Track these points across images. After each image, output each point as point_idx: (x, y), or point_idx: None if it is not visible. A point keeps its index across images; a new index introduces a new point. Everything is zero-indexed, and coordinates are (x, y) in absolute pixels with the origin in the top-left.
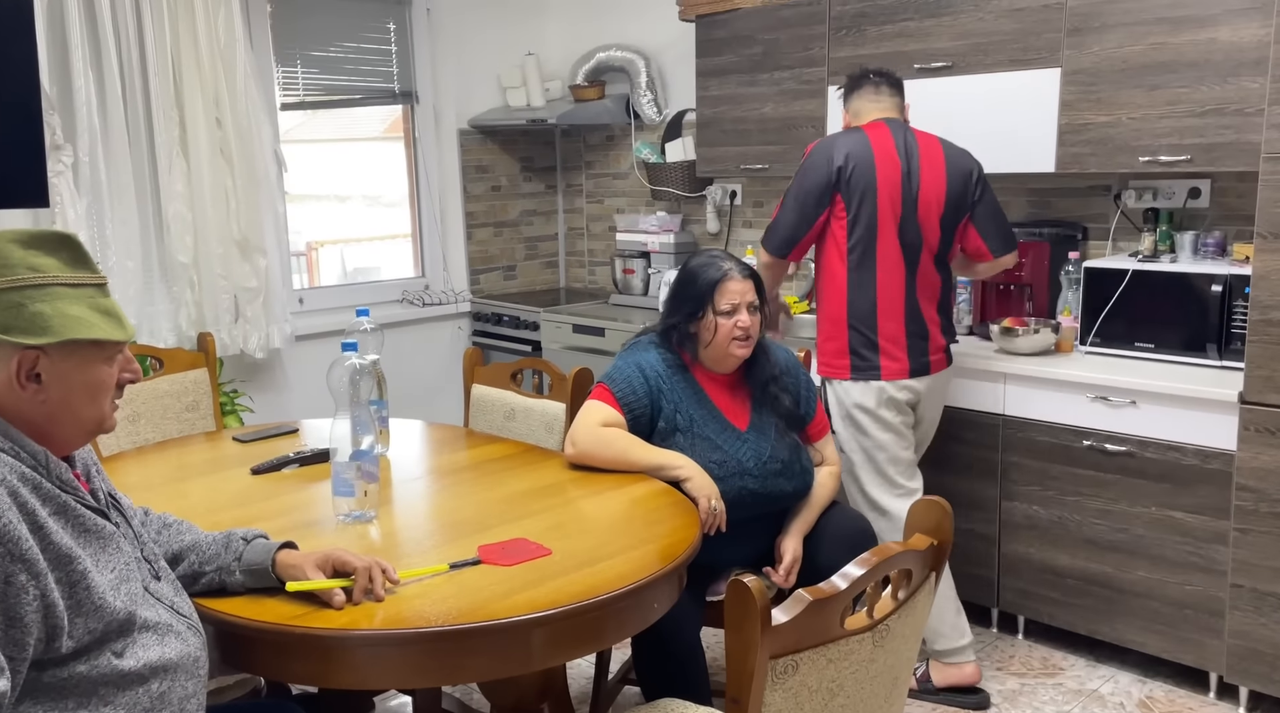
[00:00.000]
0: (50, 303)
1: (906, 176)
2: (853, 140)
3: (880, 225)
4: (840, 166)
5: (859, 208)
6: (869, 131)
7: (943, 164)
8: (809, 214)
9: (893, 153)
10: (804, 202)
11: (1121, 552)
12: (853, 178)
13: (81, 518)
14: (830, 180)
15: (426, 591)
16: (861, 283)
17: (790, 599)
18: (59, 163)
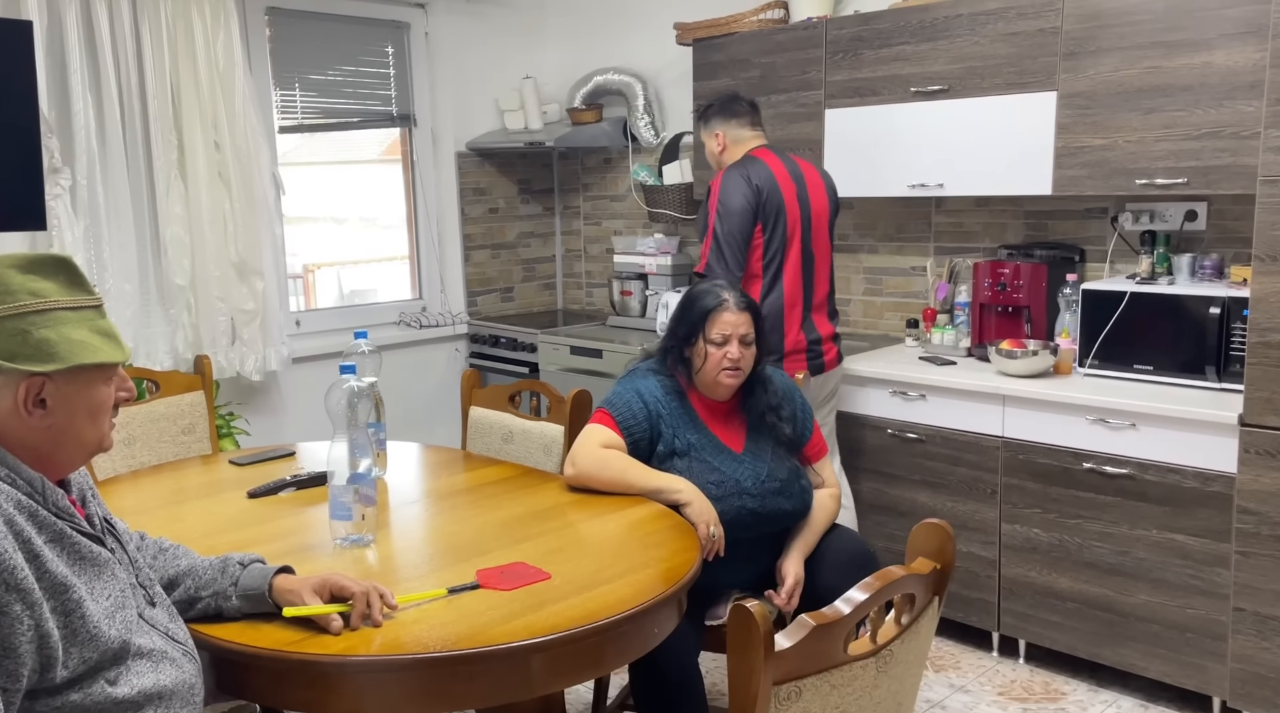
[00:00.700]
0: (54, 328)
1: (802, 199)
2: (760, 169)
3: (788, 245)
4: (759, 196)
5: (773, 231)
6: (764, 158)
7: (822, 184)
8: (741, 246)
9: (788, 178)
10: (735, 236)
11: (1123, 575)
12: (767, 205)
13: (77, 545)
14: (752, 210)
15: (425, 616)
16: (772, 296)
17: (794, 625)
18: (57, 186)
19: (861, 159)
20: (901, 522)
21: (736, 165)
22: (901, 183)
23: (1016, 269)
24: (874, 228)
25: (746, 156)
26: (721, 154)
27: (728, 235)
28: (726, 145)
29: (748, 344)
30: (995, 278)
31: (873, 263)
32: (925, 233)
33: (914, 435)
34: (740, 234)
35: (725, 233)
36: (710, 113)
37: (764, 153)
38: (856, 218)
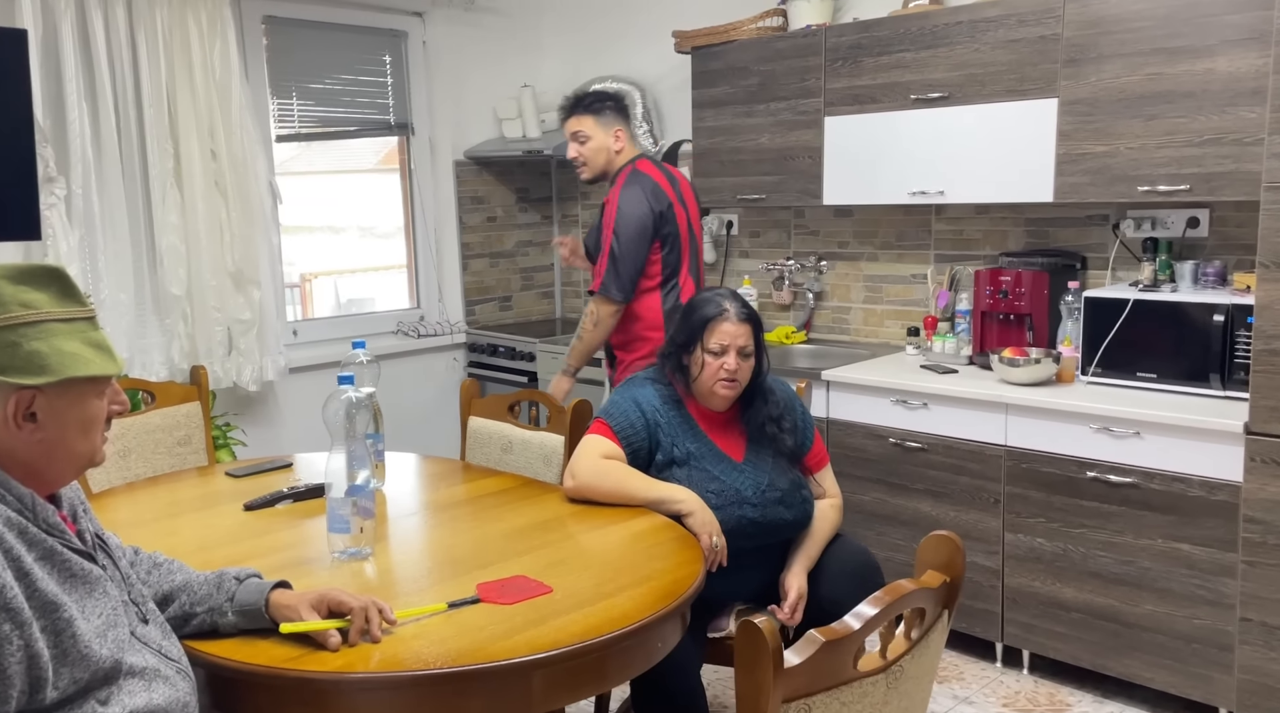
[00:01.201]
0: (45, 340)
1: (685, 209)
2: (652, 187)
3: (681, 258)
4: (658, 218)
5: (671, 247)
6: (650, 172)
7: (691, 191)
8: (639, 266)
9: (671, 189)
10: (633, 257)
11: (1128, 585)
12: (664, 223)
13: (68, 563)
14: (652, 231)
15: (425, 631)
16: (670, 303)
17: (803, 640)
18: (51, 195)
19: (861, 167)
20: (905, 531)
21: (633, 183)
22: (901, 190)
23: (1018, 277)
24: (874, 235)
25: (635, 171)
26: (617, 155)
27: (626, 255)
28: (624, 147)
29: (746, 356)
30: (996, 285)
31: (873, 271)
32: (925, 240)
33: (916, 445)
34: (640, 255)
35: (624, 252)
36: (608, 108)
37: (647, 165)
38: (856, 225)
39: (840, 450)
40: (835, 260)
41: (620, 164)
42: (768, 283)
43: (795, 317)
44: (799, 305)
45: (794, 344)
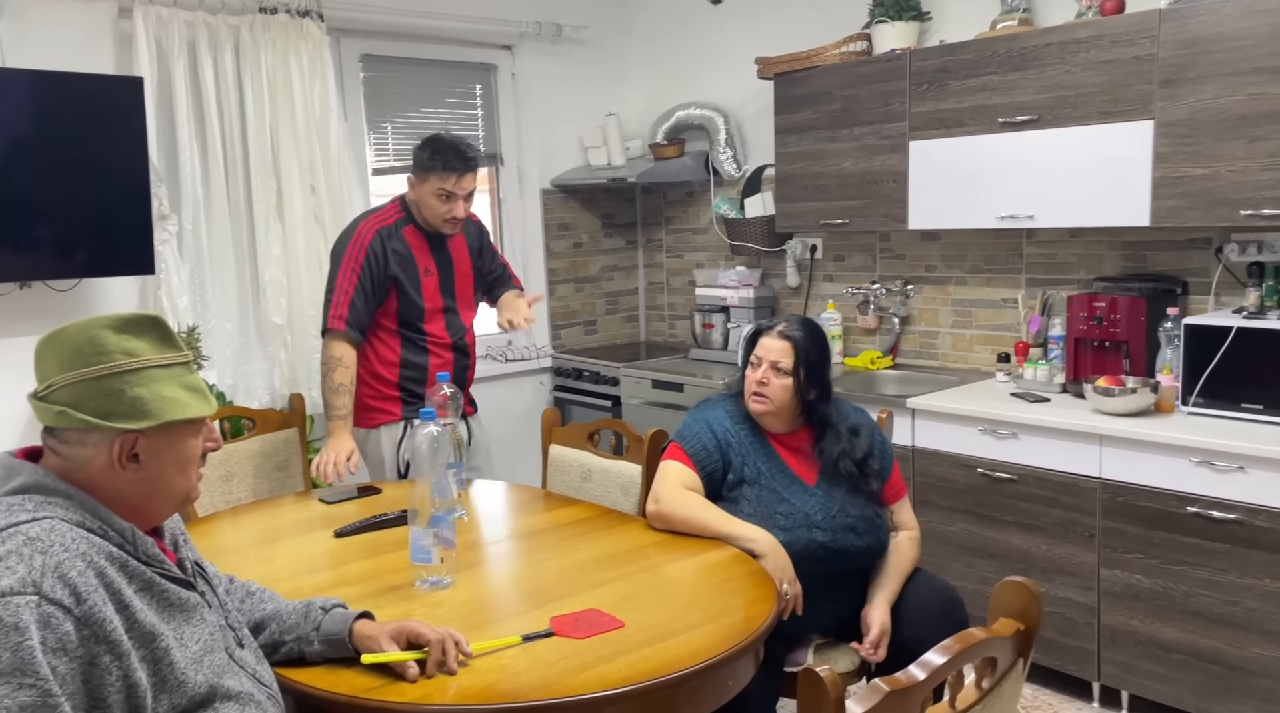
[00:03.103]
0: (146, 386)
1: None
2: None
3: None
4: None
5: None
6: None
7: None
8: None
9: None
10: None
11: (1233, 626)
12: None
13: (166, 593)
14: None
15: (499, 664)
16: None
17: (867, 690)
18: (165, 231)
19: (948, 190)
20: (993, 564)
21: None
22: (990, 214)
23: (1113, 302)
24: (962, 259)
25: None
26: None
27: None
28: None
29: (780, 372)
30: (1091, 311)
31: (961, 295)
32: (1016, 264)
33: (1005, 475)
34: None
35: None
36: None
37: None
38: (944, 249)
39: (926, 480)
40: (922, 284)
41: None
42: (852, 307)
43: (881, 342)
44: (884, 330)
45: (879, 369)
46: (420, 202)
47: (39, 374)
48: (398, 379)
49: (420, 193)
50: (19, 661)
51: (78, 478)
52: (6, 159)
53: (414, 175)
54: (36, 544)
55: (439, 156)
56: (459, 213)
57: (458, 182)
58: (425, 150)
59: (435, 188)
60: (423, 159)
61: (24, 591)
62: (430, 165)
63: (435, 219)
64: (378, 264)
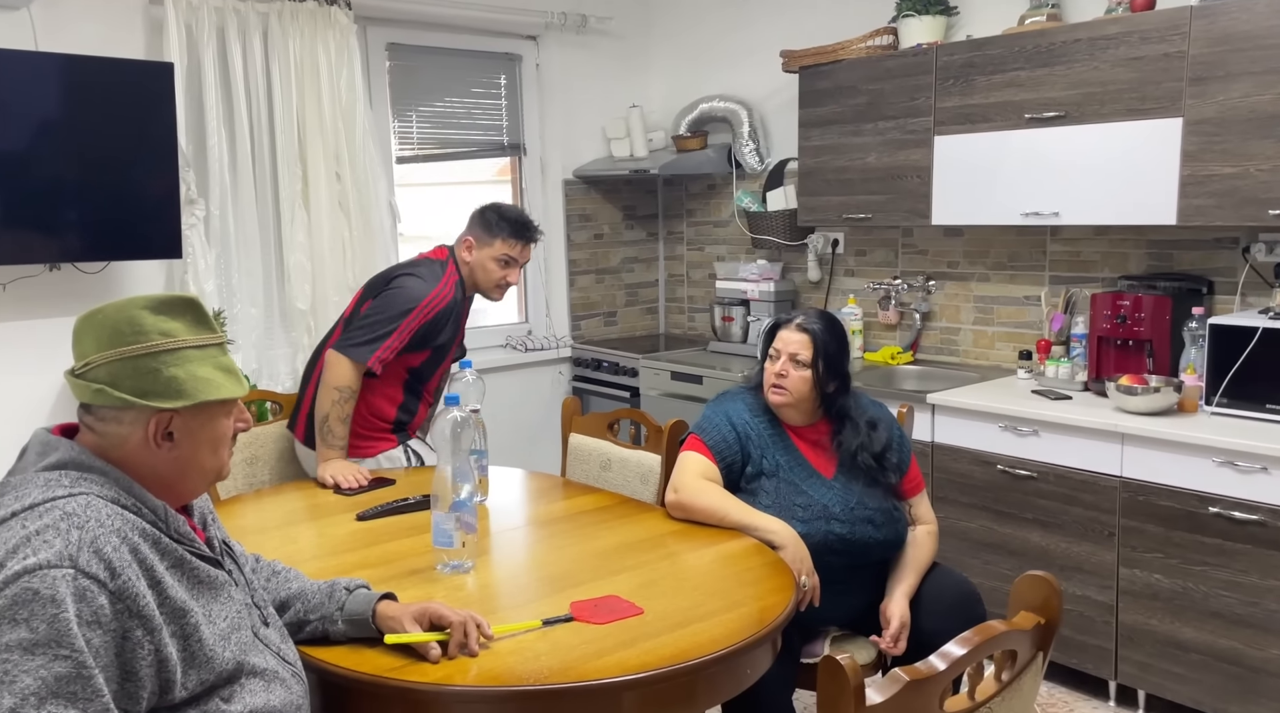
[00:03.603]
0: (182, 366)
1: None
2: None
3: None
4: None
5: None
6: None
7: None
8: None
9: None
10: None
11: (1253, 627)
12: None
13: (196, 570)
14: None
15: (520, 647)
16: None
17: (886, 679)
18: (192, 216)
19: (972, 186)
20: (1012, 561)
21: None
22: (1014, 211)
23: (1138, 301)
24: (985, 256)
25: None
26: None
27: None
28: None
29: (799, 365)
30: (1115, 309)
31: (983, 291)
32: (1040, 262)
33: (1025, 472)
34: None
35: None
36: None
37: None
38: (966, 245)
39: (945, 476)
40: (944, 280)
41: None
42: (873, 303)
43: (902, 337)
44: (905, 325)
45: (900, 365)
46: (478, 264)
47: (76, 352)
48: (395, 417)
49: (480, 256)
50: (55, 632)
51: (113, 455)
52: (38, 142)
53: (474, 237)
54: (73, 519)
55: (507, 223)
56: (514, 280)
57: (523, 250)
58: (492, 214)
59: (500, 252)
60: (490, 222)
61: (60, 564)
62: (499, 230)
63: (488, 283)
64: (433, 332)
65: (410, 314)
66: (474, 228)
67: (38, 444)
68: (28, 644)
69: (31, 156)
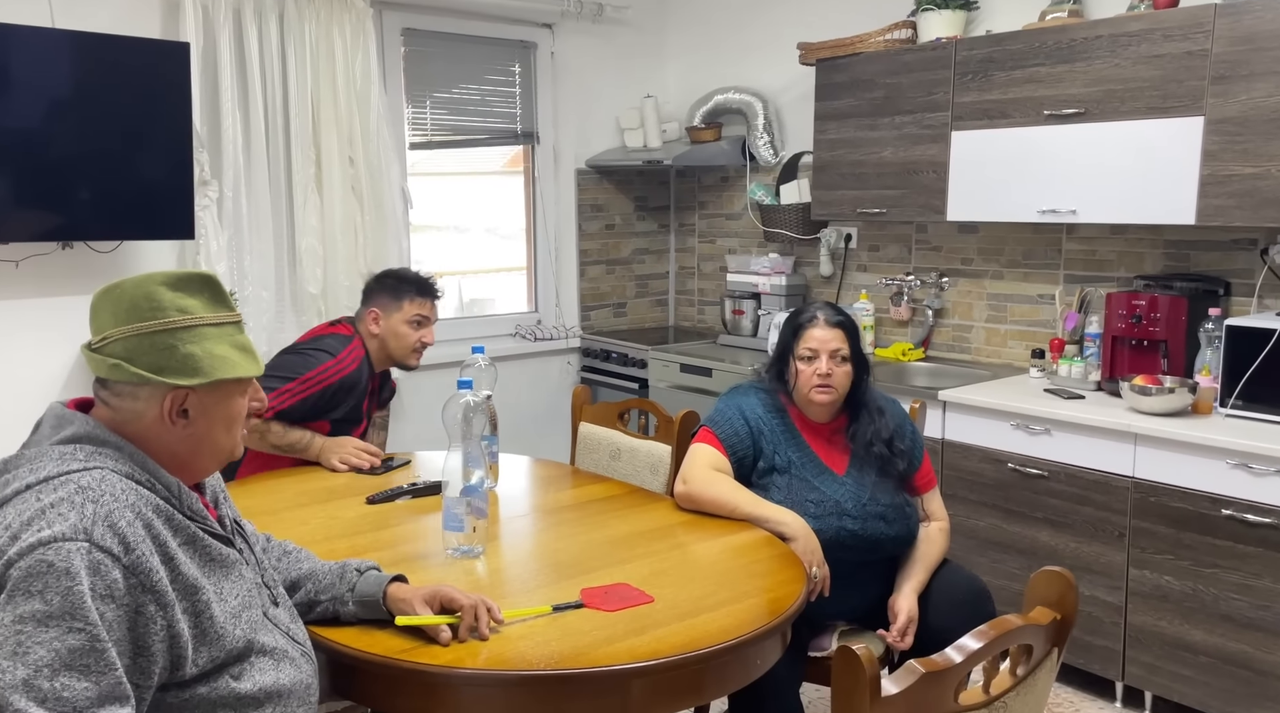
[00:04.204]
0: (199, 344)
1: None
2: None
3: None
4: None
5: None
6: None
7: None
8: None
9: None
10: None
11: (1263, 631)
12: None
13: (208, 548)
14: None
15: (530, 632)
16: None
17: (902, 670)
18: (205, 197)
19: (988, 183)
20: (1020, 560)
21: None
22: (1031, 208)
23: (1153, 301)
24: (999, 253)
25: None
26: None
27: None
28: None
29: (841, 361)
30: (1130, 309)
31: (997, 289)
32: (1055, 260)
33: (1036, 471)
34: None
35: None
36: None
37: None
38: (981, 242)
39: (955, 474)
40: (957, 277)
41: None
42: (885, 298)
43: (913, 334)
44: (917, 322)
45: (911, 361)
46: (389, 334)
47: (94, 327)
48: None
49: (390, 323)
50: (69, 604)
51: (128, 431)
52: (52, 120)
53: (379, 307)
54: (88, 493)
55: (411, 284)
56: (430, 340)
57: (433, 307)
58: (391, 280)
59: (411, 314)
60: (393, 287)
61: (75, 537)
62: (404, 292)
63: (404, 350)
64: (328, 405)
65: (301, 376)
66: (377, 298)
67: (53, 418)
68: (41, 616)
69: (45, 134)
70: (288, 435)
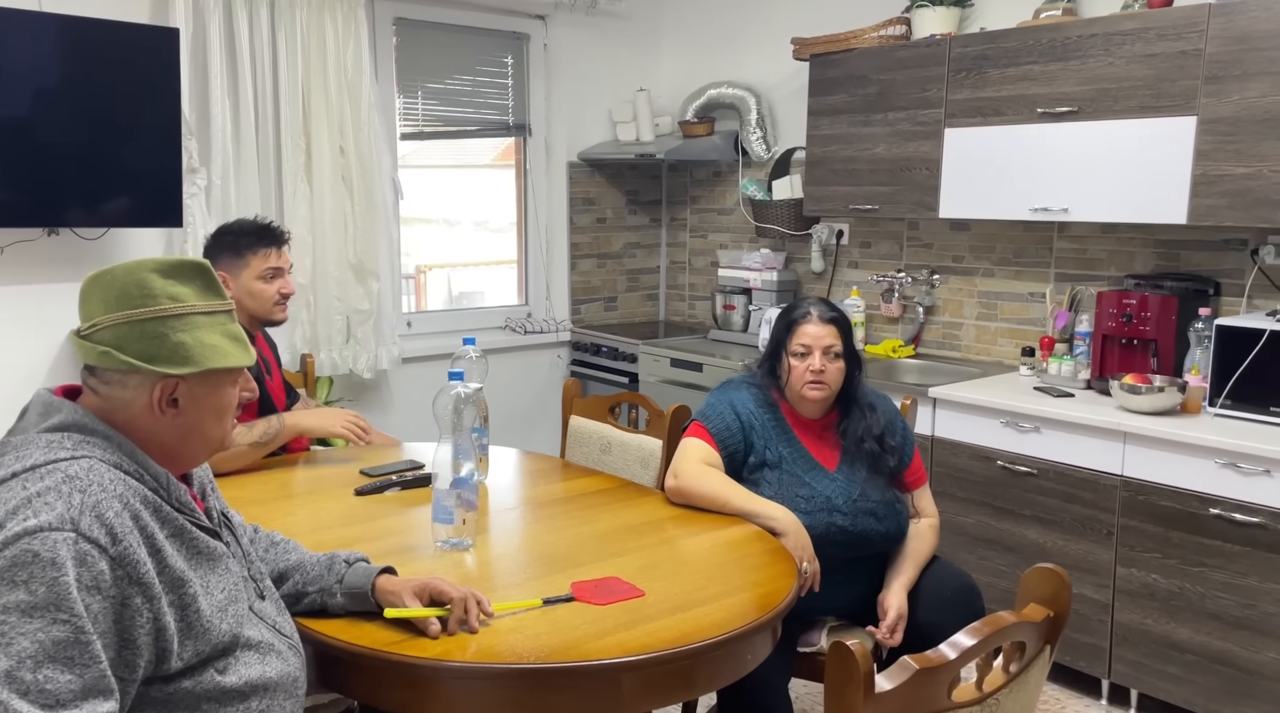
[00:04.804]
0: (190, 332)
1: None
2: None
3: None
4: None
5: None
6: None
7: None
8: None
9: None
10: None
11: (1249, 630)
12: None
13: (195, 540)
14: None
15: (520, 625)
16: None
17: (896, 666)
18: (194, 185)
19: (981, 180)
20: (1009, 558)
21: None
22: (1023, 206)
23: (1144, 300)
24: (991, 251)
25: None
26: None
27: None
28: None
29: (834, 357)
30: (1120, 308)
31: (988, 287)
32: (1046, 258)
33: (1025, 469)
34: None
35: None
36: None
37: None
38: (972, 240)
39: (944, 471)
40: (948, 275)
41: None
42: (876, 295)
43: (904, 331)
44: (908, 319)
45: (901, 358)
46: (244, 294)
47: (83, 313)
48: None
49: (241, 283)
50: (55, 595)
51: (116, 419)
52: (40, 105)
53: (225, 270)
54: (75, 483)
55: (249, 236)
56: (289, 289)
57: (279, 254)
58: (229, 237)
59: (260, 269)
60: (231, 243)
61: (62, 527)
62: (243, 246)
63: (265, 307)
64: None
65: None
66: (220, 259)
67: (40, 405)
68: (26, 607)
69: (32, 119)
70: (252, 431)
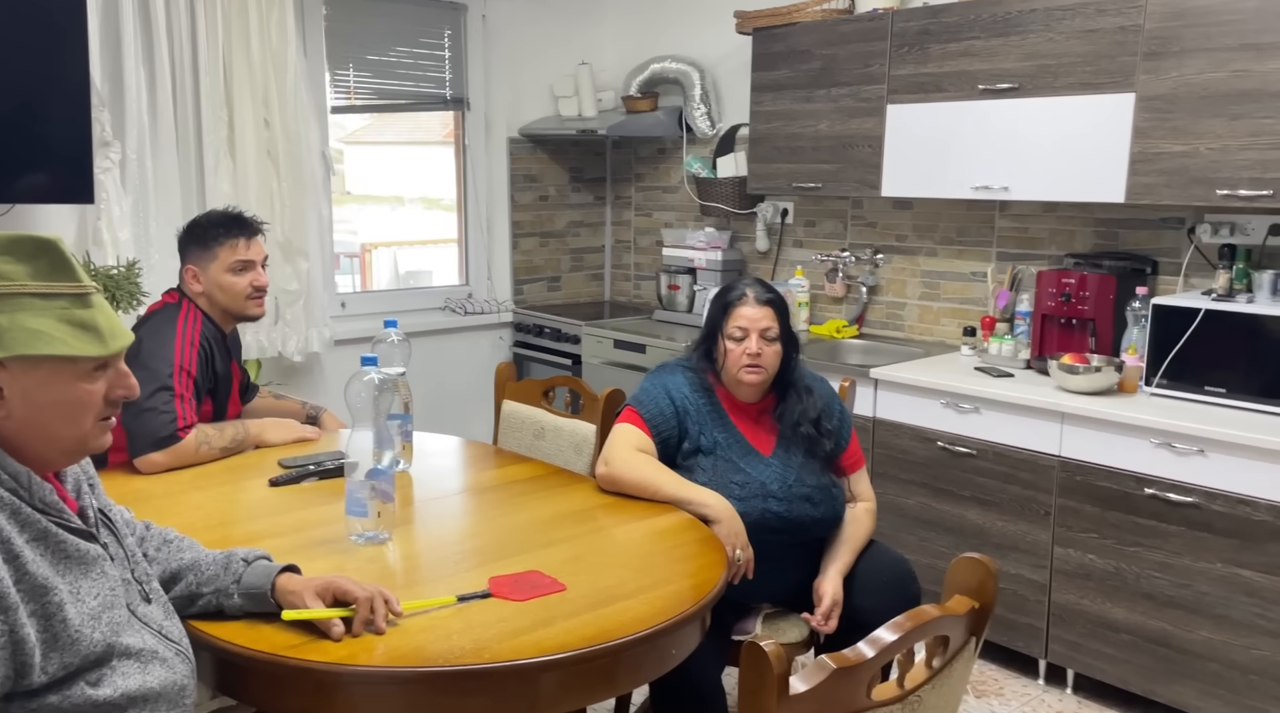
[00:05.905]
0: (10, 315)
1: None
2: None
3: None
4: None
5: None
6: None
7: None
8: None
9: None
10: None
11: (1183, 609)
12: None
13: (63, 544)
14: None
15: (431, 625)
16: None
17: (812, 666)
18: (106, 159)
19: (923, 158)
20: (948, 539)
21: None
22: (964, 184)
23: (1083, 279)
24: (934, 230)
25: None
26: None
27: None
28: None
29: (770, 340)
30: (1060, 287)
31: (931, 266)
32: (987, 237)
33: (965, 450)
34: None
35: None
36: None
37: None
38: (915, 218)
39: (885, 452)
40: (892, 254)
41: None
42: (820, 275)
43: (848, 311)
44: (852, 299)
45: (845, 339)
46: (214, 287)
47: None
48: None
49: (210, 277)
50: None
51: None
52: None
53: (194, 263)
54: None
55: (217, 227)
56: (263, 282)
57: (249, 245)
58: (199, 229)
59: (229, 262)
60: (200, 236)
61: None
62: (213, 238)
63: (238, 301)
64: (207, 368)
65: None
66: (189, 253)
67: None
68: None
69: None
70: (224, 434)
